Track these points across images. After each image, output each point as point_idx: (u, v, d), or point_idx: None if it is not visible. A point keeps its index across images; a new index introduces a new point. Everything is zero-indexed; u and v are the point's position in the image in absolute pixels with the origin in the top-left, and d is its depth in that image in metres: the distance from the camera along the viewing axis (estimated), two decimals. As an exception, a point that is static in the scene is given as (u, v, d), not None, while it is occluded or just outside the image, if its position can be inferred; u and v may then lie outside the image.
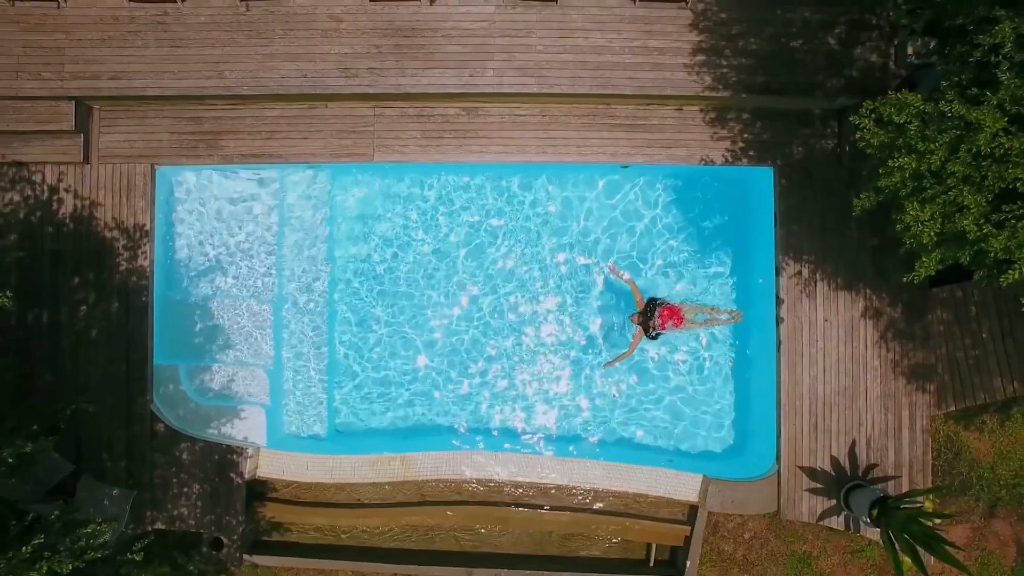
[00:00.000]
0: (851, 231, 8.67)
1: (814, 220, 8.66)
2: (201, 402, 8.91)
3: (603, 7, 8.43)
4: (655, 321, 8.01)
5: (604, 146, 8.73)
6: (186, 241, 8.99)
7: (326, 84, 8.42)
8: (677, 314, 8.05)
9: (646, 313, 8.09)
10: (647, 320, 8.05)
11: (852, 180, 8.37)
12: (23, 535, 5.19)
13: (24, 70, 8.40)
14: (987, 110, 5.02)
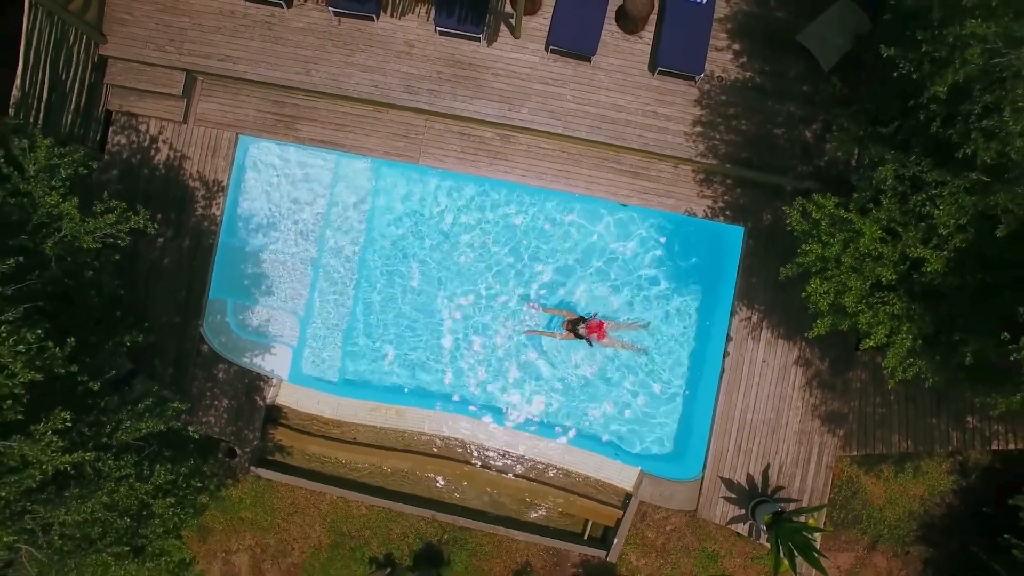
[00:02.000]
0: (798, 292, 10.88)
1: (770, 277, 10.85)
2: (241, 334, 11.26)
3: (627, 73, 10.73)
4: (583, 329, 10.30)
5: (608, 185, 11.01)
6: (251, 201, 11.32)
7: (391, 95, 10.75)
8: (601, 329, 10.38)
9: (576, 323, 10.37)
10: (575, 328, 10.35)
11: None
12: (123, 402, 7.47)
13: (152, 41, 10.76)
14: (870, 222, 7.28)
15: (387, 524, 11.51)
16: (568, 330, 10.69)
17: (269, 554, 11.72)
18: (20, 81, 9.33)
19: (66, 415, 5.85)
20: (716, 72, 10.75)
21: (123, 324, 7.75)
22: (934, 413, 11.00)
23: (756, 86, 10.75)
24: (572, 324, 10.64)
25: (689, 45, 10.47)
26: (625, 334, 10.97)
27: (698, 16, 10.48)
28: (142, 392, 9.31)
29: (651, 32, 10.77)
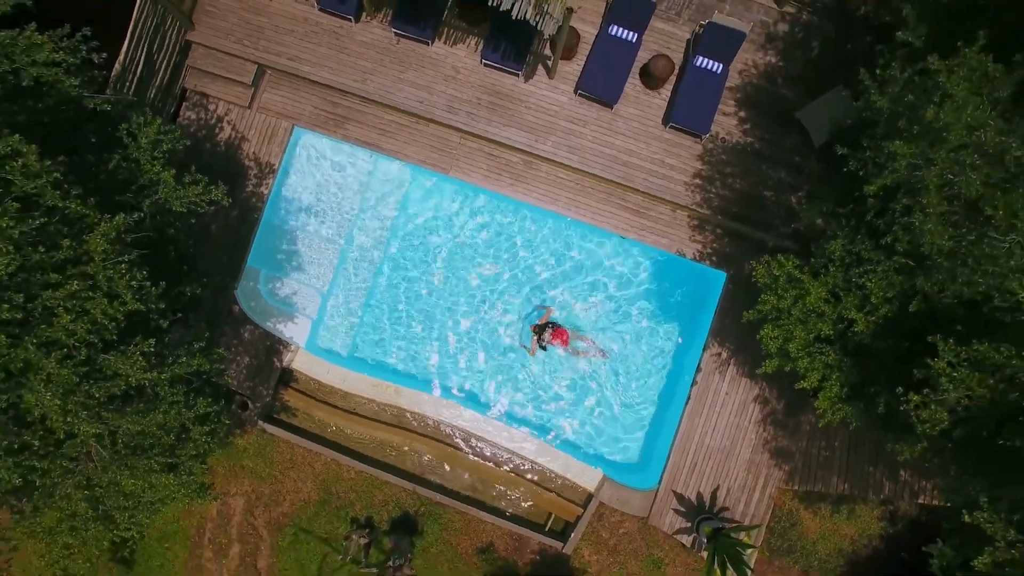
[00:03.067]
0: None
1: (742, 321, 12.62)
2: (269, 301, 13.08)
3: (642, 123, 12.62)
4: (547, 335, 12.06)
5: (612, 219, 12.83)
6: (296, 186, 13.16)
7: (433, 112, 12.63)
8: (564, 336, 12.12)
9: (543, 328, 12.10)
10: (541, 332, 12.06)
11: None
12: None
13: (232, 34, 12.68)
14: (818, 284, 9.09)
15: (372, 490, 13.25)
16: (534, 333, 12.42)
17: (262, 502, 13.47)
18: (123, 56, 11.23)
19: (151, 342, 7.65)
20: (721, 133, 12.62)
21: (188, 278, 9.52)
22: (872, 463, 12.75)
23: (754, 151, 12.61)
24: (539, 328, 12.40)
25: (700, 107, 12.34)
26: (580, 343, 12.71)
27: (711, 82, 12.35)
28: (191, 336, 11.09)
29: (668, 90, 12.65)
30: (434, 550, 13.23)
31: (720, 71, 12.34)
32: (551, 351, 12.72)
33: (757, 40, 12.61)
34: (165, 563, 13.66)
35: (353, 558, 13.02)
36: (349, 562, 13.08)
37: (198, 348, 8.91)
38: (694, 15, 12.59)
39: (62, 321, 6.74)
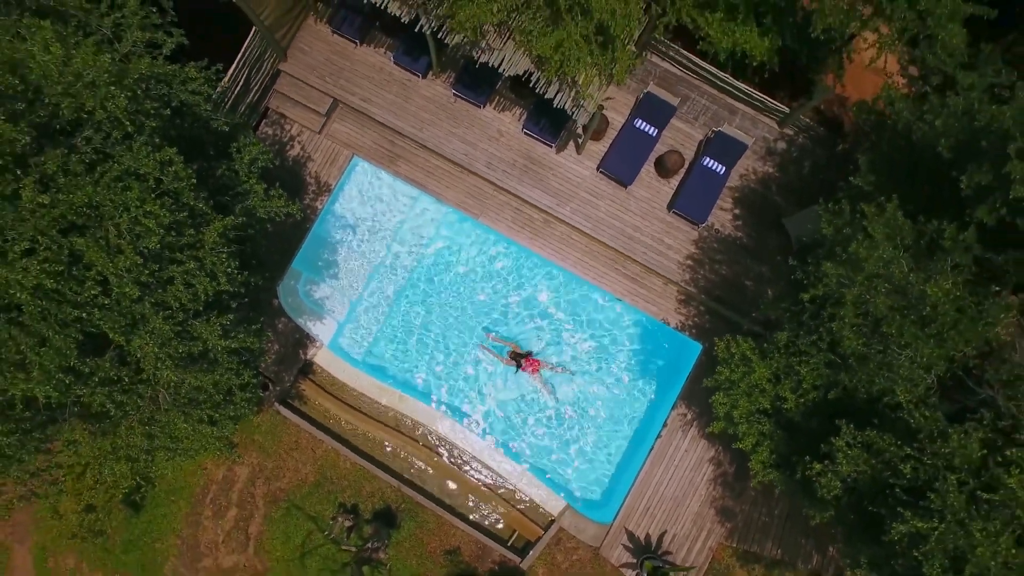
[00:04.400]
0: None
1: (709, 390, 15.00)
2: (304, 300, 15.66)
3: (650, 205, 15.28)
4: (521, 362, 14.63)
5: (612, 282, 15.39)
6: (345, 206, 15.86)
7: (474, 165, 15.37)
8: (535, 366, 14.65)
9: (519, 356, 14.69)
10: (518, 359, 14.67)
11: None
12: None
13: (317, 70, 15.58)
14: (763, 366, 11.54)
15: (362, 481, 15.58)
16: (512, 358, 14.96)
17: (264, 475, 15.81)
18: (229, 76, 14.07)
19: (229, 316, 10.18)
20: (715, 225, 15.26)
21: (255, 271, 12.08)
22: (805, 535, 14.97)
23: (742, 244, 15.21)
24: (516, 355, 14.91)
25: (701, 200, 15.01)
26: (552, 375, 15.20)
27: (714, 181, 15.04)
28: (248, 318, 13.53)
29: (676, 181, 15.36)
30: (407, 544, 15.47)
31: (723, 172, 15.04)
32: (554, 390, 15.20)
33: (758, 151, 15.33)
34: (169, 513, 15.96)
35: (335, 538, 15.28)
36: (331, 541, 15.33)
37: (255, 329, 11.45)
38: (708, 122, 15.37)
39: (175, 290, 9.28)
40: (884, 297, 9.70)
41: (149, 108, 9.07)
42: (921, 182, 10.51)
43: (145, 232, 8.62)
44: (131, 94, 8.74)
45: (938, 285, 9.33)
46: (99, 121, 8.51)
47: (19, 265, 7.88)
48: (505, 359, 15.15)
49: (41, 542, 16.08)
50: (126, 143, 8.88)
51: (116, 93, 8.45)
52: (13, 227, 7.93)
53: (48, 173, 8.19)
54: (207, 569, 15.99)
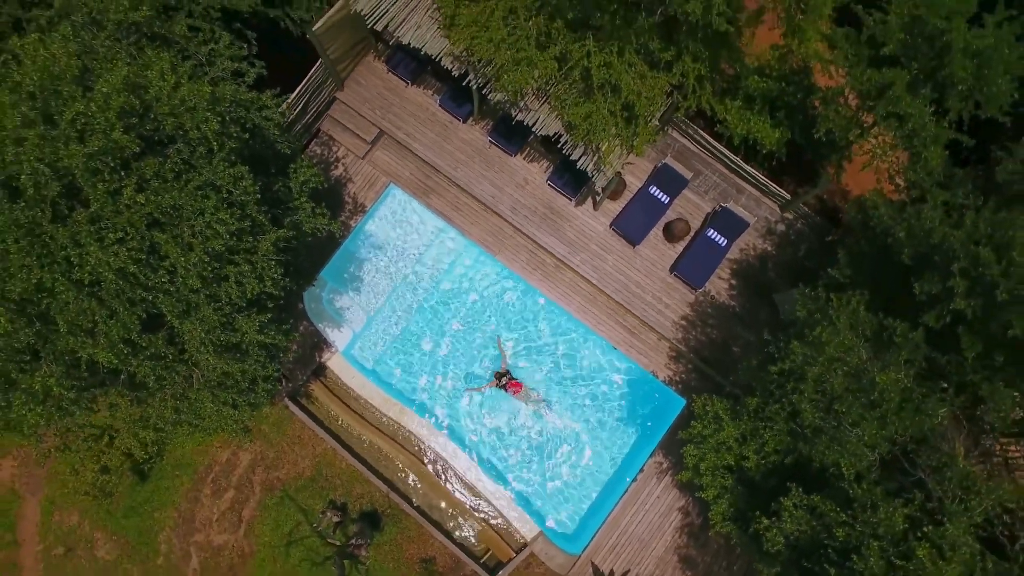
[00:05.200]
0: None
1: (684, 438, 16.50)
2: (326, 307, 17.41)
3: (654, 265, 16.98)
4: (505, 382, 16.20)
5: (610, 330, 17.03)
6: (376, 227, 17.68)
7: (498, 207, 17.18)
8: (519, 388, 16.30)
9: (503, 376, 16.25)
10: (502, 380, 16.21)
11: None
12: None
13: (369, 102, 17.54)
14: (732, 426, 13.08)
15: (354, 482, 17.11)
16: (496, 378, 16.61)
17: (264, 463, 17.40)
18: (292, 99, 16.01)
19: (267, 315, 11.91)
20: (712, 291, 16.91)
21: (293, 278, 13.84)
22: (758, 593, 16.25)
23: (733, 312, 16.83)
24: (500, 376, 16.59)
25: (702, 266, 16.69)
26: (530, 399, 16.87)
27: (715, 251, 16.73)
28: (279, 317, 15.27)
29: (681, 247, 17.06)
30: (387, 547, 16.93)
31: (724, 245, 16.73)
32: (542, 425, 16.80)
33: (759, 230, 17.05)
34: (171, 486, 17.55)
35: (322, 531, 16.78)
36: (316, 533, 16.82)
37: (285, 329, 13.18)
38: (716, 197, 17.14)
39: (228, 286, 11.02)
40: (841, 379, 11.27)
41: (232, 131, 10.93)
42: (888, 282, 12.13)
43: (214, 235, 10.39)
44: (221, 119, 10.60)
45: (888, 375, 10.89)
46: (191, 139, 10.35)
47: (111, 250, 9.65)
48: (492, 380, 16.74)
49: (51, 496, 17.69)
50: (208, 158, 10.72)
51: (210, 118, 10.30)
52: (111, 218, 9.71)
53: (145, 177, 10.00)
54: (198, 544, 17.50)
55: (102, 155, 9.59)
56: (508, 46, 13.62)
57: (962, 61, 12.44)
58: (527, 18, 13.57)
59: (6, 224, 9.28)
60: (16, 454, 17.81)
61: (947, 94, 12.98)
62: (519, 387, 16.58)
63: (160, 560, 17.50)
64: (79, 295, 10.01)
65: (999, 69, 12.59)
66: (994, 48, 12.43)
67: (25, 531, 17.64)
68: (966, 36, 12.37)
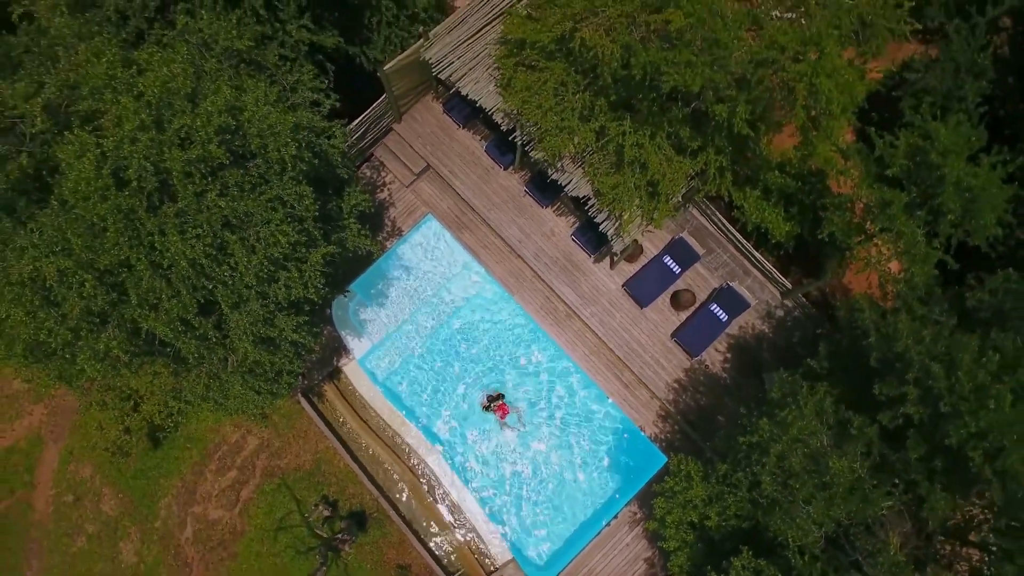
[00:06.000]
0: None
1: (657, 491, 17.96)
2: (351, 317, 19.30)
3: (657, 328, 18.69)
4: (494, 406, 17.89)
5: (606, 382, 18.70)
6: (409, 252, 19.62)
7: (523, 251, 19.07)
8: (504, 411, 17.98)
9: (492, 399, 17.99)
10: (491, 403, 17.95)
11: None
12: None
13: (421, 137, 19.63)
14: (701, 487, 14.61)
15: (348, 482, 18.78)
16: (488, 398, 18.33)
17: (269, 450, 19.15)
18: (354, 125, 18.11)
19: (304, 318, 13.77)
20: (707, 360, 18.54)
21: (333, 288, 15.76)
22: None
23: (724, 384, 18.43)
24: (491, 398, 18.24)
25: (701, 337, 18.36)
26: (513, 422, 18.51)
27: (715, 325, 18.41)
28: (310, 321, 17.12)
29: (685, 315, 18.77)
30: (368, 548, 18.51)
31: (725, 320, 18.40)
32: (535, 463, 18.40)
33: (759, 312, 18.71)
34: (180, 457, 19.35)
35: (311, 523, 18.41)
36: (306, 523, 18.45)
37: (315, 331, 15.04)
38: (724, 275, 18.88)
39: (276, 288, 12.91)
40: (800, 458, 12.82)
41: (304, 155, 12.93)
42: (857, 379, 13.71)
43: (275, 243, 12.32)
44: (297, 145, 12.61)
45: (842, 462, 12.43)
46: (270, 158, 12.35)
47: (189, 242, 11.59)
48: (482, 401, 18.41)
49: (71, 446, 19.58)
50: (280, 175, 12.71)
51: (289, 143, 12.31)
52: (194, 215, 11.68)
53: (227, 185, 11.99)
54: (195, 515, 19.21)
55: (197, 162, 11.61)
56: (554, 114, 15.61)
57: (953, 194, 14.21)
58: (575, 92, 15.56)
59: (111, 208, 11.26)
60: (48, 403, 19.77)
61: (939, 220, 14.73)
62: (506, 412, 18.25)
63: (158, 523, 19.22)
64: (153, 275, 11.94)
65: (986, 206, 14.34)
66: (982, 187, 14.19)
67: (42, 475, 19.50)
68: (960, 172, 14.15)
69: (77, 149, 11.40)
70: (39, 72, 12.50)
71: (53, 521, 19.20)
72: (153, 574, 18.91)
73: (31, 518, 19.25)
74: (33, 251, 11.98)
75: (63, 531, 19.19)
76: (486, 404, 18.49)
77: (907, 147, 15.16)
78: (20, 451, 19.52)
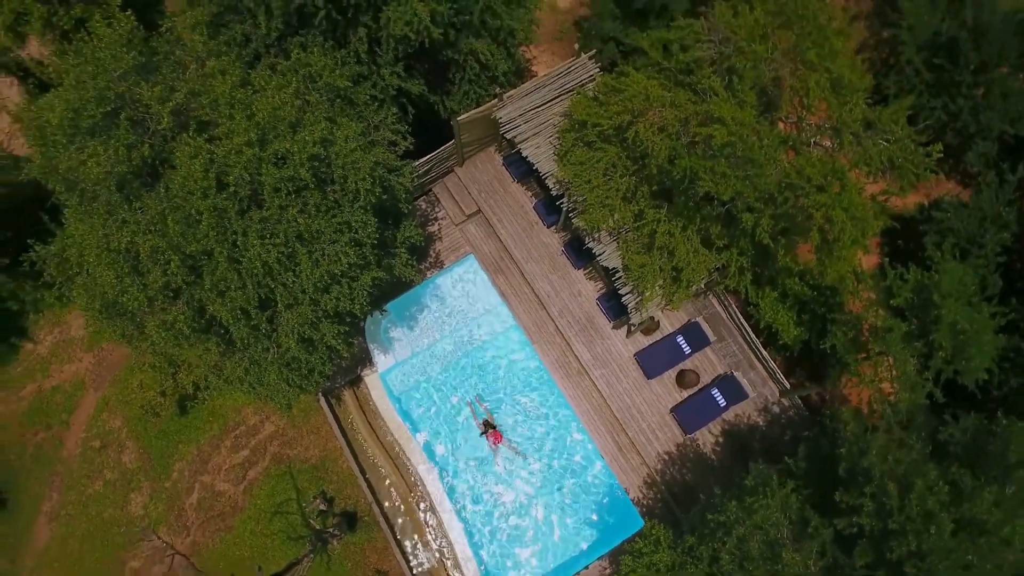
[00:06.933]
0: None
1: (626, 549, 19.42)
2: (381, 333, 21.35)
3: (659, 399, 20.38)
4: (490, 431, 19.61)
5: (602, 440, 20.36)
6: (445, 283, 21.70)
7: (549, 305, 21.03)
8: (498, 439, 19.64)
9: (487, 425, 19.73)
10: (487, 427, 19.70)
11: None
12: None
13: (478, 183, 21.84)
14: (667, 554, 16.15)
15: (348, 484, 20.64)
16: (484, 425, 20.12)
17: (282, 439, 21.15)
18: (421, 163, 20.36)
19: (342, 328, 15.84)
20: (699, 440, 20.13)
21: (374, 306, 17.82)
22: None
23: (711, 464, 19.97)
24: (487, 424, 19.98)
25: (697, 417, 19.99)
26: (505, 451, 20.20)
27: (713, 408, 20.03)
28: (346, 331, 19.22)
29: (687, 394, 20.43)
30: (353, 548, 20.25)
31: (723, 405, 20.01)
32: (527, 499, 20.08)
33: (756, 404, 20.29)
34: (201, 428, 21.44)
35: (307, 513, 20.25)
36: (301, 512, 20.29)
37: (350, 341, 17.07)
38: (730, 363, 20.53)
39: (328, 298, 14.99)
40: (758, 544, 14.33)
41: (376, 190, 15.12)
42: (827, 483, 15.20)
43: (336, 261, 14.44)
44: (373, 180, 14.81)
45: (795, 556, 13.91)
46: (347, 188, 14.55)
47: (267, 246, 13.76)
48: (480, 423, 20.18)
49: (108, 397, 21.82)
50: (352, 203, 14.89)
51: (366, 179, 14.50)
52: (274, 225, 13.88)
53: (307, 203, 14.20)
54: (203, 484, 21.20)
55: (286, 180, 13.84)
56: (601, 191, 17.64)
57: (947, 333, 15.82)
58: (622, 175, 17.60)
59: (208, 205, 13.49)
60: (97, 353, 22.11)
61: (934, 354, 16.29)
62: (499, 439, 20.00)
63: (168, 484, 21.24)
64: (229, 267, 14.11)
65: (976, 350, 15.89)
66: (976, 332, 15.76)
67: (77, 418, 21.74)
68: (956, 315, 15.76)
69: (192, 151, 13.71)
70: (172, 78, 14.93)
71: (78, 461, 21.36)
72: (154, 527, 20.88)
73: (60, 454, 21.43)
74: (134, 226, 14.27)
75: (85, 472, 21.33)
76: (482, 429, 20.24)
77: (915, 282, 16.84)
78: (64, 392, 21.82)
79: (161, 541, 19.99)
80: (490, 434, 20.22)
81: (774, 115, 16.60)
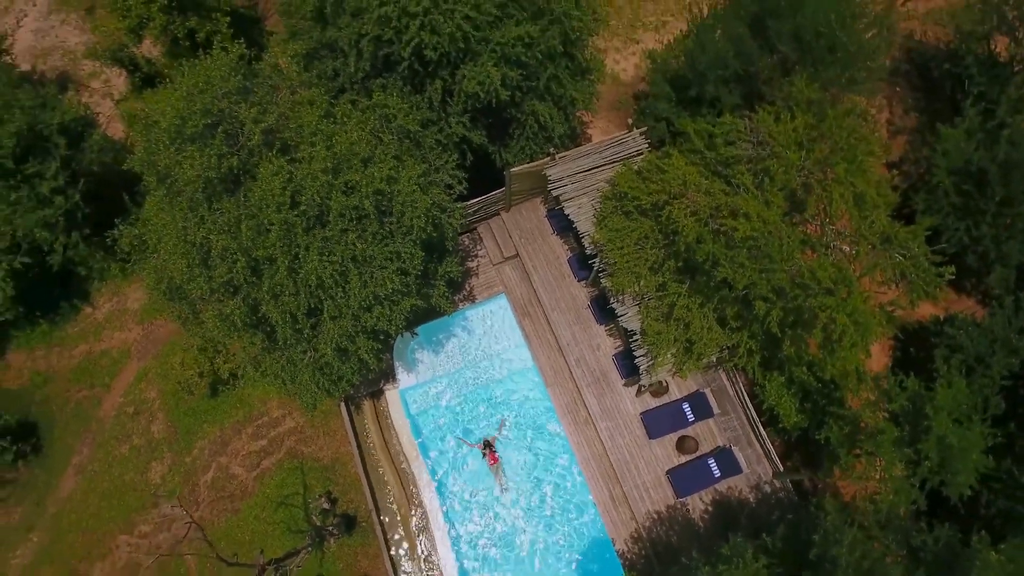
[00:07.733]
0: (609, 628, 20.60)
1: (607, 608, 20.66)
2: (408, 353, 23.15)
3: (657, 460, 21.72)
4: (486, 452, 21.11)
5: (597, 489, 21.75)
6: (474, 316, 23.47)
7: (568, 353, 22.60)
8: (495, 460, 21.14)
9: (486, 445, 21.19)
10: (486, 447, 21.25)
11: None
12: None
13: (519, 230, 23.71)
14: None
15: (353, 489, 22.29)
16: (484, 445, 21.61)
17: (300, 435, 22.95)
18: (471, 203, 22.27)
19: (377, 344, 17.63)
20: (689, 505, 21.40)
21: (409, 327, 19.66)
22: None
23: (696, 530, 21.21)
24: (487, 444, 21.51)
25: (691, 482, 21.28)
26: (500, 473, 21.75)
27: (707, 477, 21.31)
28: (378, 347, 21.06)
29: (685, 459, 21.76)
30: (347, 550, 21.82)
31: (717, 476, 21.28)
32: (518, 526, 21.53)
33: (749, 480, 21.52)
34: (227, 412, 23.36)
35: (310, 509, 21.90)
36: (304, 507, 21.94)
37: (382, 357, 18.87)
38: (730, 437, 21.84)
39: (368, 316, 16.83)
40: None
41: (428, 228, 17.00)
42: (797, 564, 16.38)
43: (382, 285, 16.30)
44: (426, 219, 16.71)
45: (754, 627, 15.13)
46: (403, 222, 16.46)
47: (324, 263, 15.68)
48: (479, 444, 21.68)
49: (148, 368, 23.90)
50: (404, 236, 16.78)
51: (421, 217, 16.41)
52: (333, 245, 15.82)
53: (364, 231, 16.14)
54: (219, 464, 23.03)
55: (351, 208, 15.80)
56: (630, 258, 19.29)
57: (934, 445, 17.01)
58: (652, 247, 19.26)
59: (280, 219, 15.49)
60: (146, 327, 24.26)
61: (921, 462, 17.47)
62: (496, 460, 21.48)
63: (188, 459, 23.12)
64: (287, 275, 16.05)
65: (960, 466, 17.03)
66: (961, 449, 16.92)
67: (118, 383, 23.82)
68: (945, 429, 16.96)
69: (274, 168, 15.77)
70: (266, 100, 17.09)
71: (111, 423, 23.38)
72: (168, 498, 22.70)
73: (96, 413, 23.50)
74: (210, 225, 16.33)
75: (115, 435, 23.33)
76: (482, 448, 21.75)
77: (912, 391, 18.08)
78: (110, 356, 23.96)
79: (181, 509, 21.78)
80: (488, 453, 21.72)
81: (801, 215, 18.16)
